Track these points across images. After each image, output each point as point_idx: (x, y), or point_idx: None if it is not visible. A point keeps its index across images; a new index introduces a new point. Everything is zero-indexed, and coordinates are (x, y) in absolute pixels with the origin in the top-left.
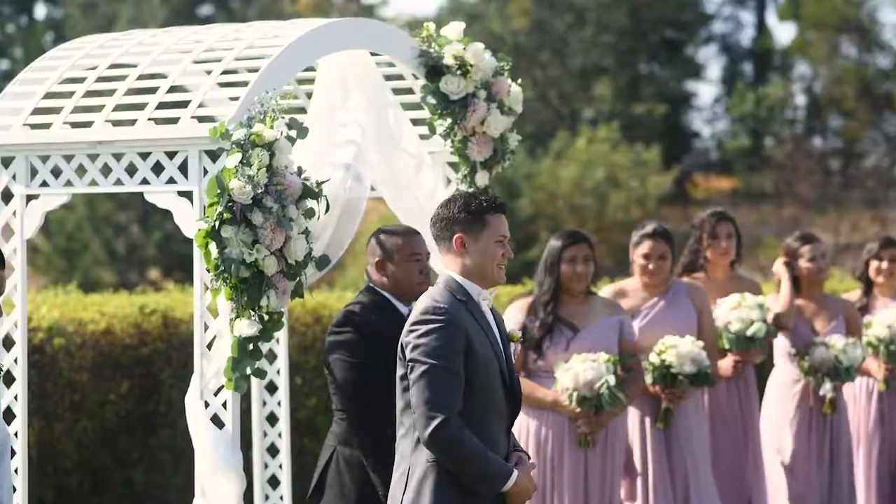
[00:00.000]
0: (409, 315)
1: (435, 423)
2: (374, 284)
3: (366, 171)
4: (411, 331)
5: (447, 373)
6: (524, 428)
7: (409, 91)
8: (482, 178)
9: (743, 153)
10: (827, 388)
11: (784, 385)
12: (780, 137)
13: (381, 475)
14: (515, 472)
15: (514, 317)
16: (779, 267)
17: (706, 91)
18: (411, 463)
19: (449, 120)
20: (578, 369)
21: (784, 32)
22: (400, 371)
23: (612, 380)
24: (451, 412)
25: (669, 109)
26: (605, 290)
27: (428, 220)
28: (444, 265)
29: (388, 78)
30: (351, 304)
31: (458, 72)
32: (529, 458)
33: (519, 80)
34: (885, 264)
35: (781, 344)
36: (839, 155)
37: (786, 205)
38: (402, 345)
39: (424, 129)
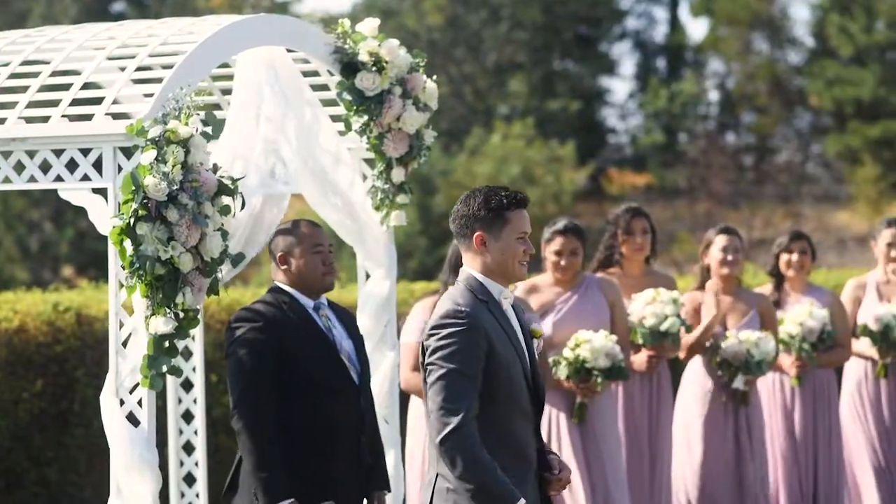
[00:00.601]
0: (314, 309)
1: (448, 428)
2: (278, 282)
3: (283, 167)
4: (431, 334)
5: (464, 378)
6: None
7: (325, 87)
8: (398, 175)
9: (657, 149)
10: (739, 382)
11: (697, 381)
12: (694, 133)
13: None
14: (522, 501)
15: (420, 316)
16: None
17: (620, 87)
18: (439, 471)
19: (365, 116)
20: None
21: (697, 28)
22: (422, 375)
23: None
24: (467, 419)
25: (584, 105)
26: (518, 285)
27: (346, 215)
28: (466, 262)
29: (304, 74)
30: (253, 303)
31: (374, 68)
32: (560, 464)
33: (434, 77)
34: (795, 257)
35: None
36: (752, 151)
37: (699, 200)
38: (422, 347)
39: (341, 126)
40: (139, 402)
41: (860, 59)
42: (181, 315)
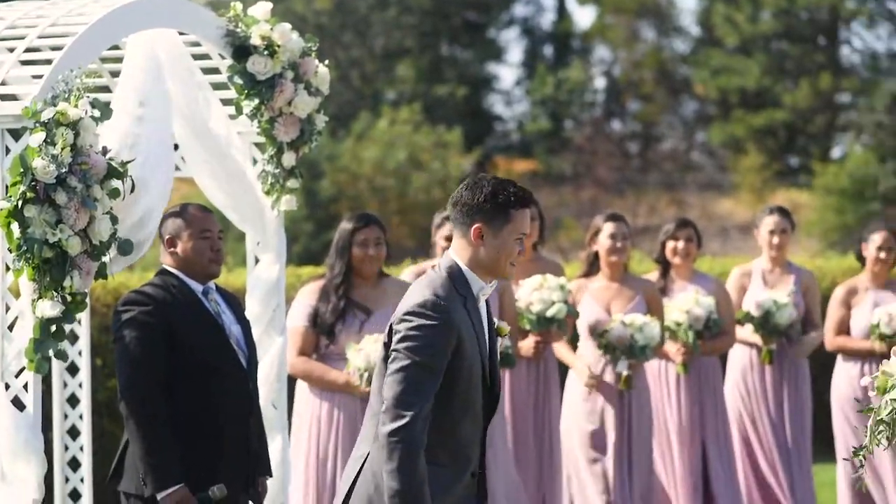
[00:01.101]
0: (203, 293)
1: (401, 422)
2: (165, 265)
3: (173, 151)
4: (404, 320)
5: (427, 373)
6: (316, 410)
7: (216, 71)
8: (289, 159)
9: (543, 136)
10: (623, 366)
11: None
12: (580, 120)
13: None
14: None
15: (306, 301)
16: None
17: (507, 74)
18: (372, 451)
19: (256, 100)
20: (370, 350)
21: (584, 16)
22: (384, 353)
23: None
24: (419, 416)
25: (471, 91)
26: (408, 271)
27: (237, 199)
28: (454, 249)
29: (196, 57)
30: (141, 286)
31: (265, 52)
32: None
33: (326, 62)
34: (681, 244)
35: (583, 324)
36: (637, 138)
37: (585, 187)
38: (391, 328)
39: (231, 110)
40: (25, 387)
41: (745, 49)
42: (68, 299)
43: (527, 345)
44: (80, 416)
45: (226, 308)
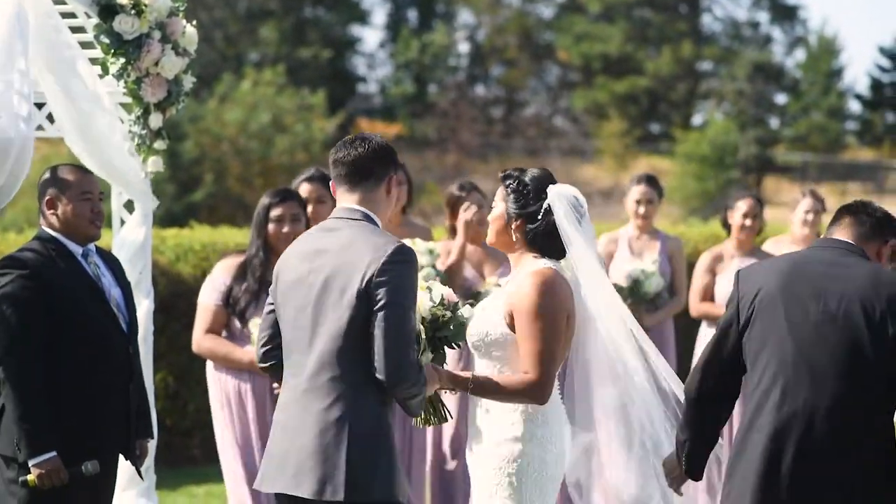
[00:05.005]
0: (82, 256)
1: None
2: (45, 227)
3: (36, 110)
4: (386, 269)
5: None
6: (225, 388)
7: (82, 30)
8: (156, 121)
9: (406, 99)
10: None
11: None
12: (444, 85)
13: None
14: None
15: (220, 278)
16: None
17: (371, 36)
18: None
19: (122, 60)
20: None
21: None
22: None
23: None
24: None
25: (334, 54)
26: None
27: (105, 160)
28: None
29: (62, 16)
30: (18, 250)
31: (133, 11)
32: None
33: (194, 22)
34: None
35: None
36: (501, 103)
37: (449, 152)
38: (372, 282)
39: (99, 70)
40: None
41: (608, 16)
42: None
43: None
44: None
45: (105, 270)
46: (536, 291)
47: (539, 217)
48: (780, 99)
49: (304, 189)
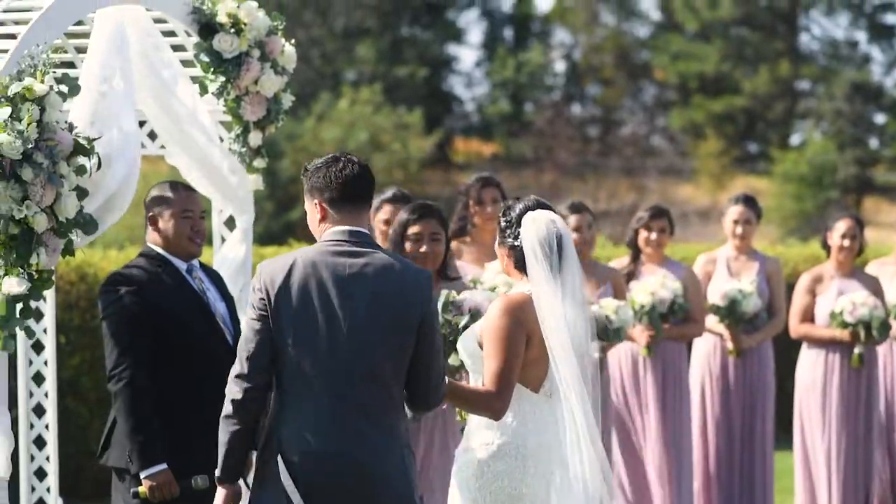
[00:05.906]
0: (187, 271)
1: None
2: (150, 244)
3: (137, 128)
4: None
5: None
6: None
7: (182, 48)
8: (255, 139)
9: (503, 118)
10: (593, 348)
11: None
12: (540, 104)
13: (134, 426)
14: None
15: None
16: None
17: (467, 55)
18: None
19: (222, 78)
20: None
21: None
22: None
23: None
24: None
25: (431, 73)
26: None
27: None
28: None
29: (162, 35)
30: (124, 266)
31: (232, 30)
32: None
33: (293, 41)
34: (653, 235)
35: None
36: (597, 122)
37: (545, 170)
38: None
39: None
40: None
41: (705, 35)
42: (35, 276)
43: None
44: (46, 395)
45: (210, 285)
46: (497, 313)
47: (517, 245)
48: (880, 119)
49: (386, 211)
